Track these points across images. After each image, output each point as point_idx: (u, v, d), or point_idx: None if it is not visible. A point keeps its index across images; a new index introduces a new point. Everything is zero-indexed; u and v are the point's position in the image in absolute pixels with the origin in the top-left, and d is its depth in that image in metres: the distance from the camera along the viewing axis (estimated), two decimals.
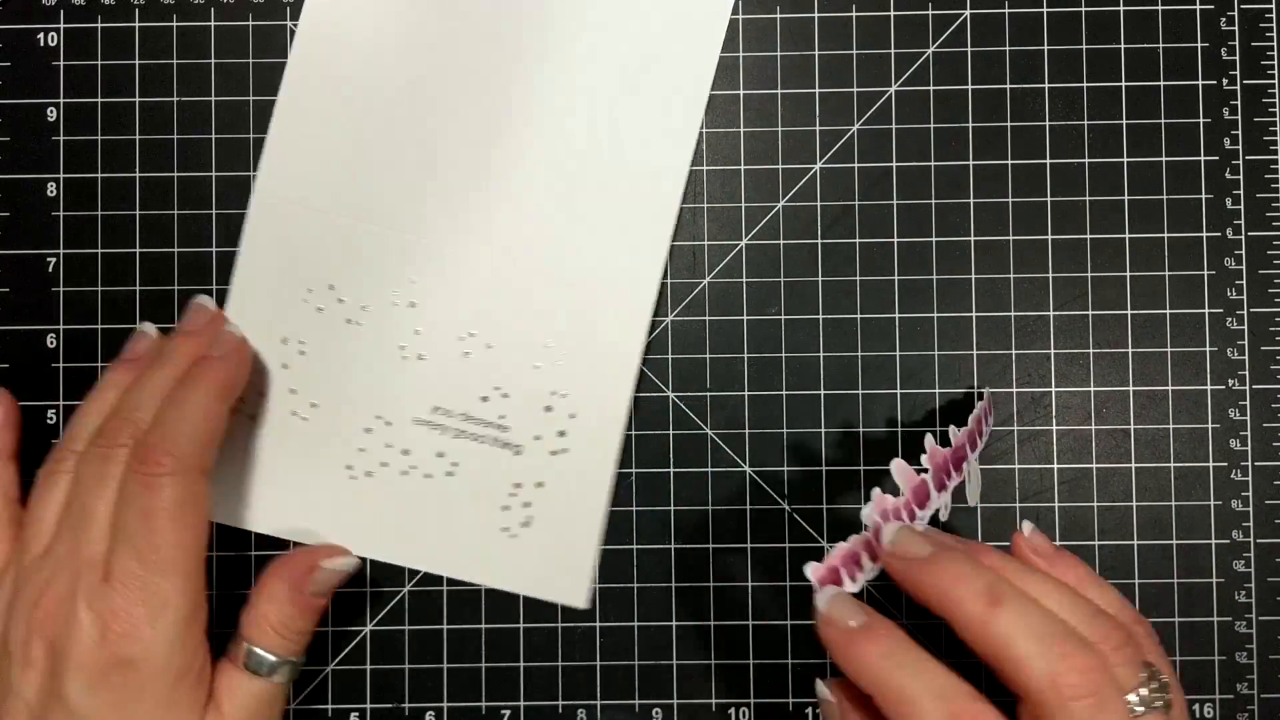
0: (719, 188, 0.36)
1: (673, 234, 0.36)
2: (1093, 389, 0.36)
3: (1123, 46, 0.37)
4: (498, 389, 0.36)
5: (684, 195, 0.36)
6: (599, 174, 0.36)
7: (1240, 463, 0.36)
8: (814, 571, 0.29)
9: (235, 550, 0.36)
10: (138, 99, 0.37)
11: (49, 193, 0.37)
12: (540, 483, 0.35)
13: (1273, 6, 0.37)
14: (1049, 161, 0.36)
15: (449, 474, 0.36)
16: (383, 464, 0.36)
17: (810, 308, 0.36)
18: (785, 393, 0.36)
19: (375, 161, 0.36)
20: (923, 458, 0.30)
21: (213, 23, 0.37)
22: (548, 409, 0.35)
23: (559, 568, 0.35)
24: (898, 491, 0.29)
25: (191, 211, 0.37)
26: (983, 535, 0.36)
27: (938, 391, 0.36)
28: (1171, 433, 0.36)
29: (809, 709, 0.36)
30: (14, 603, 0.30)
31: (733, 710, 0.36)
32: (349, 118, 0.36)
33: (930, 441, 0.30)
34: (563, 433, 0.35)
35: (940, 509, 0.31)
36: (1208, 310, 0.36)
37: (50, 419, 0.36)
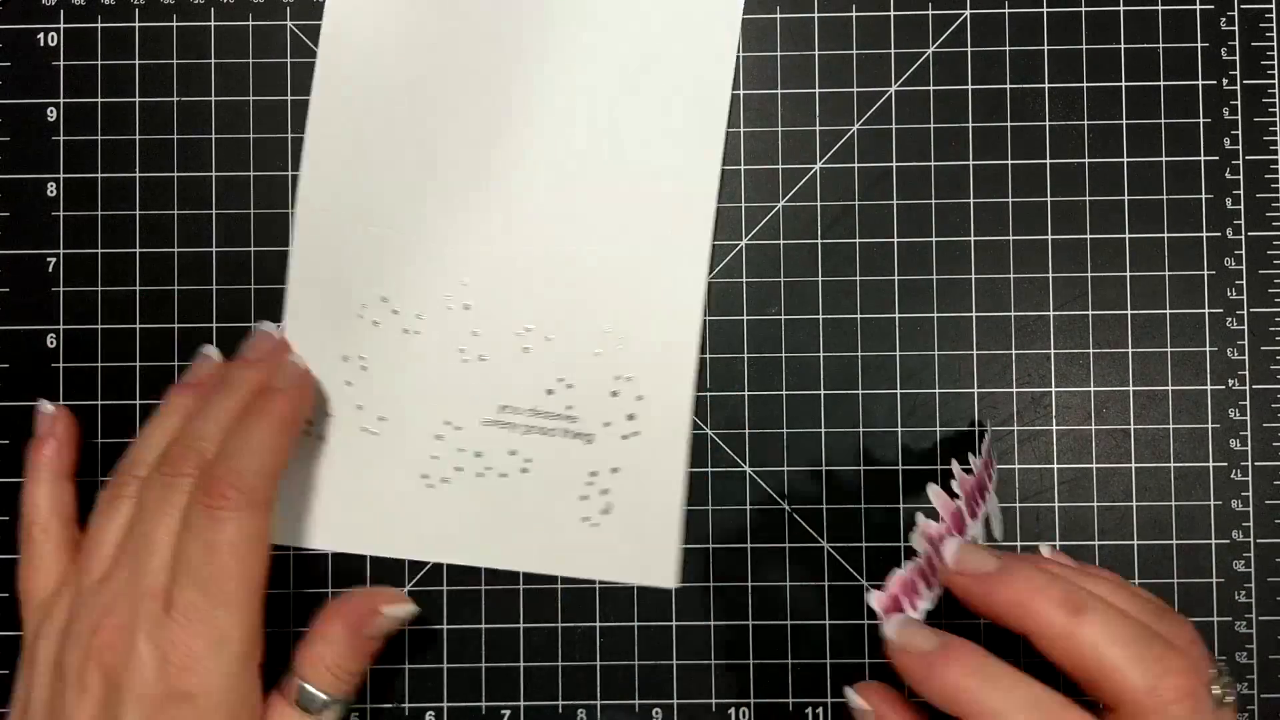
0: (719, 187, 0.36)
1: (716, 204, 0.36)
2: (1093, 389, 0.36)
3: (1123, 46, 0.37)
4: (562, 380, 0.36)
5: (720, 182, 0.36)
6: (632, 163, 0.36)
7: (1240, 463, 0.36)
8: (878, 601, 0.28)
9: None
10: (138, 99, 0.37)
11: (49, 193, 0.37)
12: (616, 468, 0.35)
13: (1273, 6, 0.37)
14: (1049, 161, 0.36)
15: (524, 470, 0.36)
16: (457, 469, 0.36)
17: (810, 308, 0.36)
18: (785, 393, 0.36)
19: (412, 169, 0.36)
20: (952, 483, 0.30)
21: (213, 23, 0.37)
22: (614, 394, 0.35)
23: (644, 550, 0.35)
24: (936, 517, 0.29)
25: (191, 211, 0.37)
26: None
27: (938, 392, 0.36)
28: (1171, 433, 0.36)
29: (809, 709, 0.36)
30: (71, 626, 0.30)
31: (733, 710, 0.36)
32: (384, 128, 0.36)
33: (958, 468, 0.30)
34: (632, 415, 0.35)
35: (975, 538, 0.30)
36: (1208, 310, 0.36)
37: None
